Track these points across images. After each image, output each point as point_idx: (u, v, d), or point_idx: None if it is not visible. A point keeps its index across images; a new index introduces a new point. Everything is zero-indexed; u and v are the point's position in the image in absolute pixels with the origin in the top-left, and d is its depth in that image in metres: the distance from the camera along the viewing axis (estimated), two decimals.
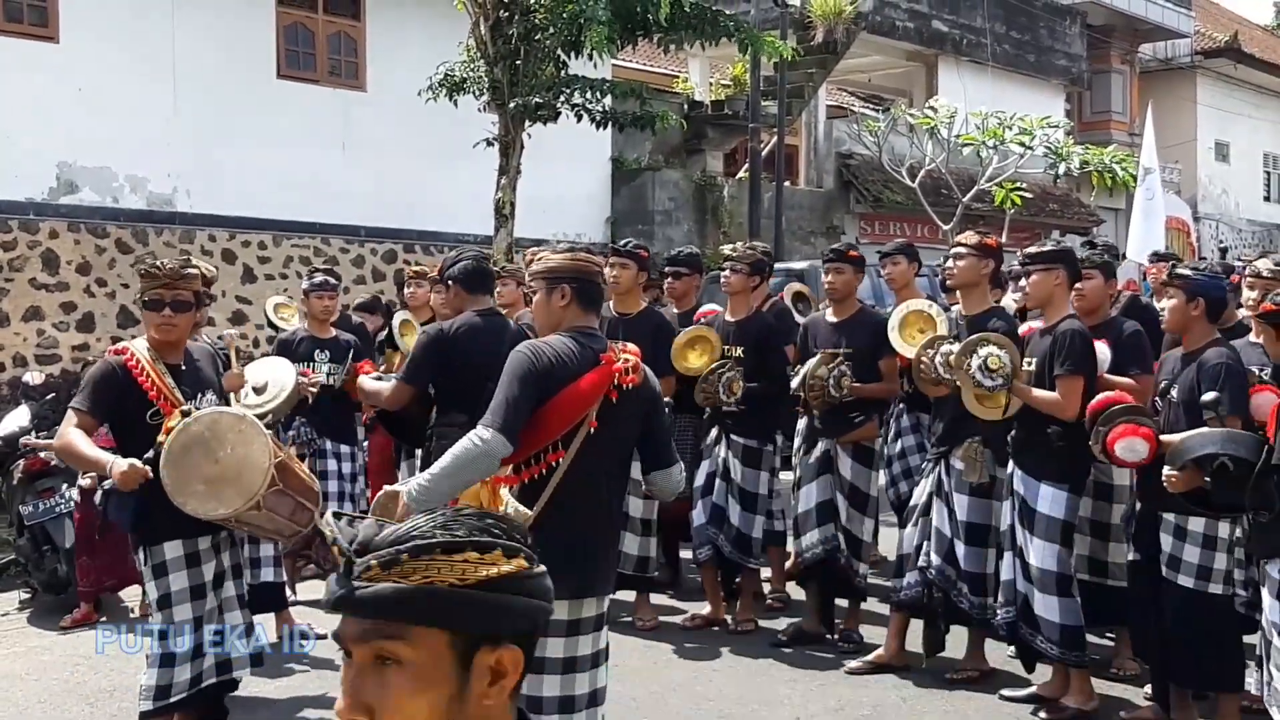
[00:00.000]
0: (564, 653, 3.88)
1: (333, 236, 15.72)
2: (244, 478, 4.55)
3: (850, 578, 6.81)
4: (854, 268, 6.90)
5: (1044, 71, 26.05)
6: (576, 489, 3.91)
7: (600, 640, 4.01)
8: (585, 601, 3.94)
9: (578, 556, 3.89)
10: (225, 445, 4.56)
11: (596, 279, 4.16)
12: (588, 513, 3.96)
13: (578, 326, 4.05)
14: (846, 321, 6.86)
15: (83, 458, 4.73)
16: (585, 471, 3.92)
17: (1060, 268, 5.84)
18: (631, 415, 4.02)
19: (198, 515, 4.57)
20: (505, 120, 12.94)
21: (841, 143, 22.31)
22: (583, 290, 4.08)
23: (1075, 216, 25.39)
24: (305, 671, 6.48)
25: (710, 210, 19.50)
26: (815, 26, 21.33)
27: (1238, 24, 34.96)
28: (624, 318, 7.20)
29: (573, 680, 3.91)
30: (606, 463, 4.00)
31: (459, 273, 5.88)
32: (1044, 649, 5.82)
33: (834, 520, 6.77)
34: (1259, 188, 33.85)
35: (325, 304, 7.71)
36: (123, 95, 13.68)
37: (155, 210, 14.28)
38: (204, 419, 4.61)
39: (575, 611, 3.90)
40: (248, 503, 4.53)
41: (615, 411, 3.95)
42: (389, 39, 16.01)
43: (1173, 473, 4.91)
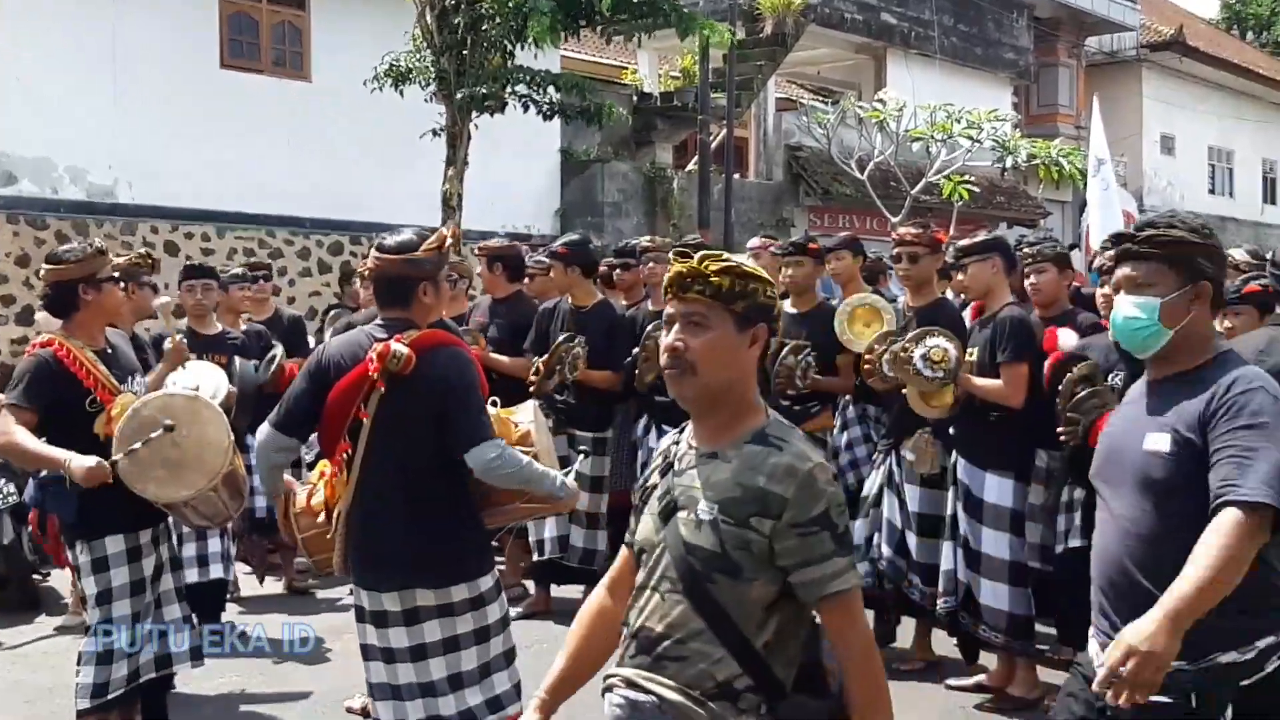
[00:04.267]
0: (409, 641, 3.96)
1: (277, 228, 15.55)
2: (205, 458, 4.52)
3: None
4: (813, 260, 6.90)
5: (991, 64, 26.19)
6: (370, 480, 3.97)
7: (456, 626, 4.01)
8: (418, 592, 3.97)
9: (372, 548, 3.98)
10: (182, 428, 4.49)
11: (393, 277, 4.12)
12: (382, 504, 3.97)
13: (386, 319, 4.11)
14: (807, 314, 6.87)
15: (33, 455, 4.60)
16: (376, 463, 3.96)
17: (995, 255, 5.85)
18: (413, 404, 3.95)
19: (159, 500, 4.52)
20: (452, 111, 12.86)
21: (791, 135, 22.32)
22: (376, 286, 4.23)
23: (1022, 209, 25.55)
24: (247, 670, 6.39)
25: (660, 202, 19.46)
26: (764, 19, 21.32)
27: (1183, 18, 35.31)
28: (577, 310, 7.23)
29: (426, 667, 3.97)
30: (397, 450, 3.96)
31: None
32: (988, 638, 5.83)
33: None
34: (1204, 181, 34.19)
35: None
36: (62, 85, 13.46)
37: (96, 202, 14.08)
38: (154, 403, 4.54)
39: (409, 601, 3.94)
40: (211, 482, 4.51)
41: (390, 401, 3.94)
42: (334, 29, 15.84)
43: None
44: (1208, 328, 3.19)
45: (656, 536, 2.73)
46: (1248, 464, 2.88)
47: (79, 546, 4.74)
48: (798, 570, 2.59)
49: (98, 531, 4.69)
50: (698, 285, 2.66)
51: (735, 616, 2.61)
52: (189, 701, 5.85)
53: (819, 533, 2.58)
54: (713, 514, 2.63)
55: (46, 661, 6.53)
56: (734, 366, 2.67)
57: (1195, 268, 3.13)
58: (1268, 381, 3.05)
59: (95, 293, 4.81)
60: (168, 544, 4.98)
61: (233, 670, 6.32)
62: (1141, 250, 3.16)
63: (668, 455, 2.84)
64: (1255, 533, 2.85)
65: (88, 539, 4.71)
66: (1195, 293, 3.12)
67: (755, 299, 2.68)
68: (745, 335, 2.67)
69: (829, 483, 2.62)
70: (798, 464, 2.60)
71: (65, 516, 4.78)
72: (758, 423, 2.70)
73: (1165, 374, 3.19)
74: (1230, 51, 34.56)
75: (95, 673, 4.69)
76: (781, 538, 2.58)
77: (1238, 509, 2.84)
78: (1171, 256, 3.14)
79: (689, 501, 2.67)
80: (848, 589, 2.60)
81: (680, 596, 2.64)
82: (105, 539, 4.70)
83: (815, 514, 2.58)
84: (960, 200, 18.77)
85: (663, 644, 2.66)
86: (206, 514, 4.81)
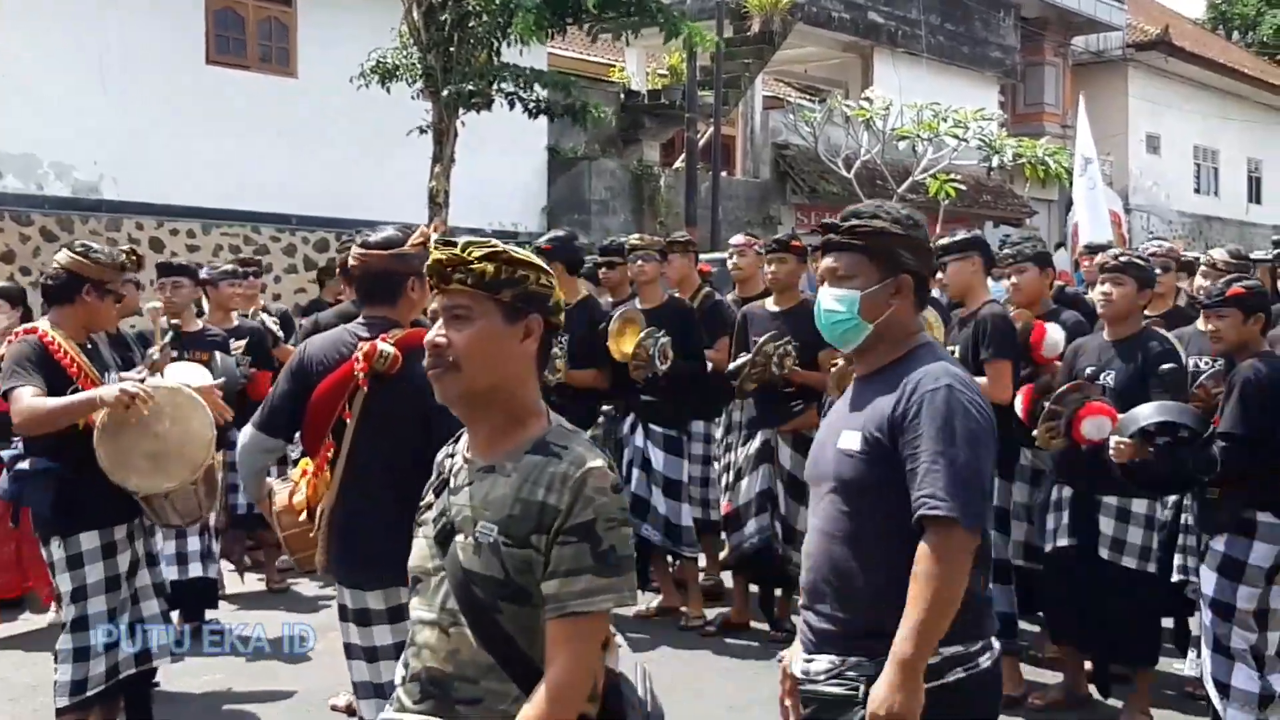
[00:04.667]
0: (393, 639, 3.89)
1: (263, 225, 15.51)
2: (187, 450, 4.52)
3: (785, 566, 6.81)
4: (797, 257, 6.90)
5: (978, 63, 26.25)
6: (355, 480, 3.95)
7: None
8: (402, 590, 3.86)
9: (360, 548, 3.95)
10: (163, 419, 4.50)
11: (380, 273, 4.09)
12: (375, 502, 3.92)
13: (369, 317, 4.10)
14: (788, 311, 6.84)
15: (61, 410, 4.52)
16: (361, 463, 3.94)
17: (975, 254, 5.87)
18: (400, 403, 3.90)
19: (140, 491, 4.51)
20: (439, 108, 12.85)
21: (778, 133, 22.34)
22: (361, 283, 4.20)
23: (1009, 208, 25.63)
24: (232, 669, 6.38)
25: (647, 200, 19.46)
26: (751, 17, 21.34)
27: (1169, 18, 35.40)
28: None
29: (377, 669, 3.95)
30: (389, 452, 3.93)
31: (345, 263, 5.70)
32: None
33: (772, 509, 6.76)
34: (1189, 180, 34.32)
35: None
36: (48, 81, 13.41)
37: (81, 198, 14.04)
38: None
39: (394, 599, 3.88)
40: (194, 474, 4.52)
41: (378, 401, 3.92)
42: (321, 25, 15.80)
43: (1122, 440, 4.99)
44: (910, 322, 3.04)
45: (432, 564, 2.48)
46: (935, 471, 2.78)
47: (54, 542, 4.72)
48: (546, 580, 2.33)
49: (72, 527, 4.68)
50: (459, 274, 2.44)
51: (527, 649, 2.36)
52: (174, 700, 5.84)
53: (576, 544, 2.32)
54: (492, 536, 2.37)
55: (29, 659, 6.50)
56: (503, 363, 2.44)
57: (897, 260, 2.99)
58: (955, 376, 2.92)
59: (95, 298, 4.82)
60: (144, 539, 4.96)
61: (218, 669, 6.30)
62: (844, 241, 3.02)
63: (442, 470, 2.58)
64: (956, 546, 2.75)
65: (62, 534, 4.68)
66: (896, 286, 2.99)
67: (524, 287, 2.45)
68: (516, 328, 2.45)
69: (602, 491, 2.36)
70: (572, 470, 2.36)
71: (40, 510, 4.77)
72: (539, 430, 2.46)
73: (867, 370, 3.07)
74: (1216, 51, 34.69)
75: (72, 670, 4.67)
76: (549, 549, 2.34)
77: (931, 528, 2.76)
78: (873, 248, 2.99)
79: (466, 523, 2.42)
80: (589, 613, 2.31)
81: (465, 630, 2.39)
82: (80, 535, 4.68)
83: (577, 522, 2.33)
84: (946, 199, 18.82)
85: (452, 685, 2.41)
86: (183, 510, 4.80)
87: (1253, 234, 33.75)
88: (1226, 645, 4.93)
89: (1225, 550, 4.94)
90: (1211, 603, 4.99)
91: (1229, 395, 4.91)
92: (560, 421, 2.51)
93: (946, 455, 2.78)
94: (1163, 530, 5.75)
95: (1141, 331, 5.56)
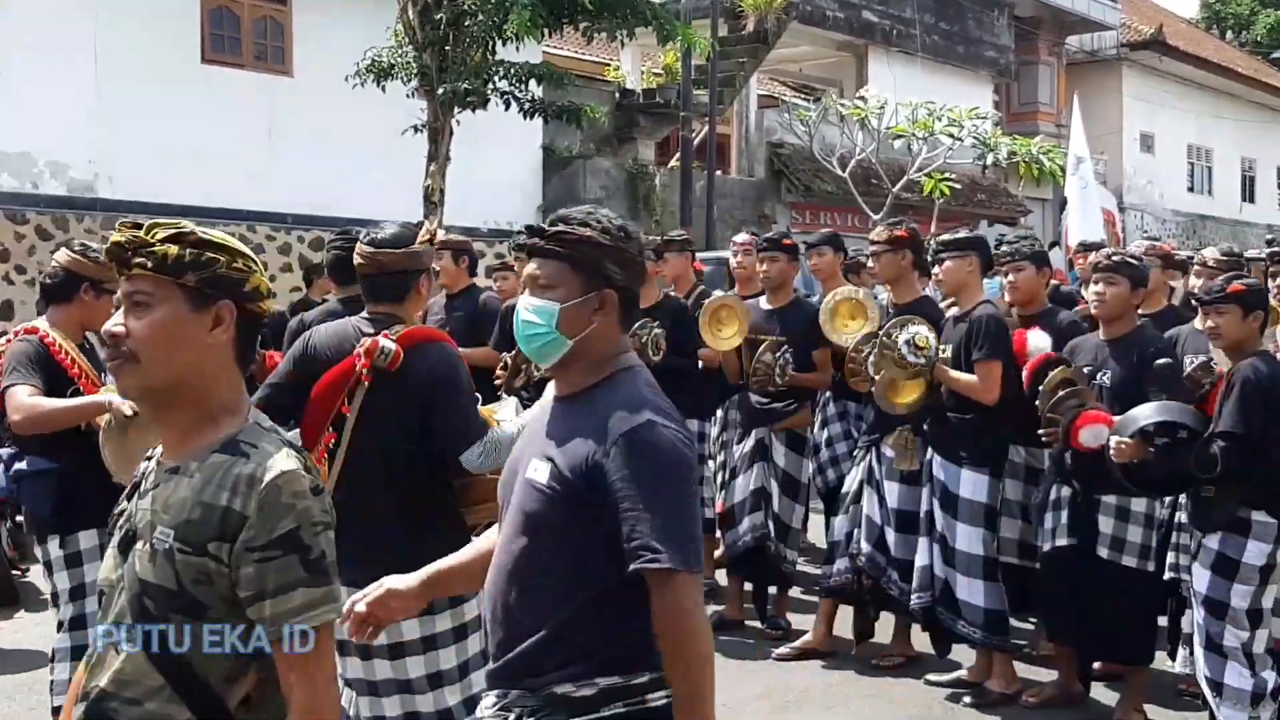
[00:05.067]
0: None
1: (258, 223, 15.50)
2: None
3: (779, 565, 6.83)
4: (788, 256, 6.92)
5: (972, 62, 26.28)
6: (353, 474, 3.93)
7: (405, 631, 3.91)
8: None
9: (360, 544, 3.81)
10: None
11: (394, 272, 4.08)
12: (368, 500, 3.91)
13: (374, 313, 4.10)
14: (781, 310, 6.88)
15: (64, 412, 4.53)
16: (360, 457, 3.93)
17: (973, 254, 5.91)
18: (400, 399, 3.92)
19: None
20: (434, 107, 12.85)
21: (773, 132, 22.37)
22: (370, 281, 4.14)
23: (1003, 206, 25.67)
24: None
25: (642, 199, 19.47)
26: (746, 16, 21.36)
27: (1163, 17, 35.47)
28: None
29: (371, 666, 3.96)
30: (382, 445, 3.94)
31: (326, 262, 5.75)
32: (966, 633, 5.87)
33: (766, 508, 6.78)
34: (1183, 179, 34.37)
35: None
36: (43, 79, 13.39)
37: (76, 196, 14.03)
38: None
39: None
40: None
41: (375, 396, 3.92)
42: (316, 23, 15.80)
43: (1123, 440, 5.01)
44: (613, 342, 2.75)
45: (115, 574, 2.27)
46: (644, 520, 2.52)
47: (52, 541, 4.72)
48: (253, 605, 2.18)
49: (72, 526, 4.68)
50: (140, 257, 2.21)
51: (200, 668, 2.21)
52: None
53: (282, 557, 2.15)
54: (168, 542, 2.17)
55: (25, 658, 6.51)
56: (188, 354, 2.22)
57: (602, 273, 2.70)
58: (654, 407, 2.64)
59: (93, 297, 4.83)
60: None
61: None
62: (548, 247, 2.72)
63: (139, 474, 2.36)
64: (685, 594, 2.53)
65: (61, 533, 4.69)
66: (600, 301, 2.70)
67: (213, 270, 2.23)
68: (203, 315, 2.23)
69: (301, 495, 2.18)
70: (260, 473, 2.16)
71: (41, 511, 4.77)
72: (232, 428, 2.25)
73: (567, 391, 2.77)
74: (1210, 51, 34.75)
75: (70, 669, 4.67)
76: (239, 564, 2.16)
77: (655, 582, 2.53)
78: (577, 258, 2.69)
79: (146, 529, 2.22)
80: (315, 629, 2.20)
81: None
82: (79, 534, 4.69)
83: (279, 534, 2.14)
84: (941, 198, 18.85)
85: (110, 703, 2.21)
86: None
87: (1246, 233, 33.83)
88: (1220, 643, 4.96)
89: (1219, 549, 4.97)
90: (1205, 600, 5.01)
91: (1228, 394, 4.92)
92: (259, 419, 2.32)
93: (653, 501, 2.53)
94: (1161, 528, 5.78)
95: (1137, 330, 5.59)
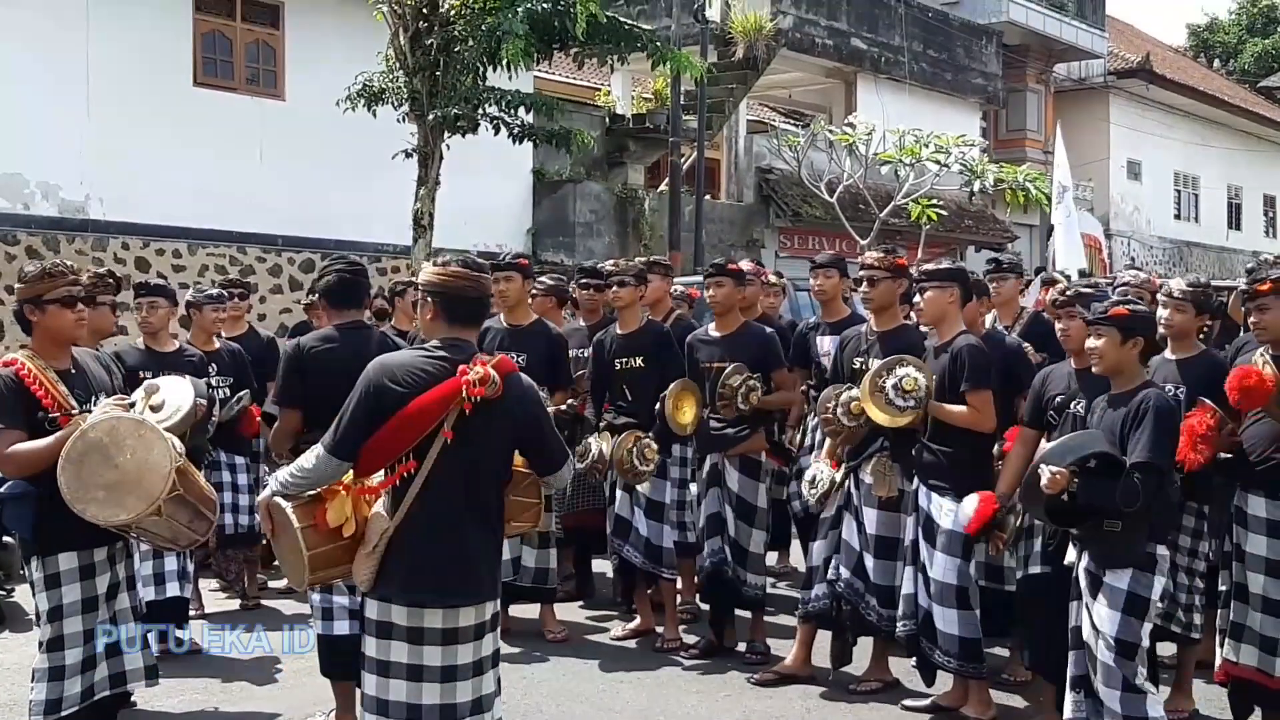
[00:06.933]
0: (442, 661, 3.94)
1: (249, 245, 15.59)
2: (145, 482, 4.50)
3: (738, 589, 6.87)
4: (734, 281, 6.98)
5: (960, 90, 26.46)
6: (436, 499, 3.97)
7: (483, 648, 4.04)
8: (460, 611, 3.99)
9: (439, 566, 3.97)
10: (125, 450, 4.51)
11: (466, 293, 4.16)
12: (450, 522, 3.98)
13: (447, 339, 4.12)
14: (729, 336, 6.94)
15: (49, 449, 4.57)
16: (445, 481, 3.97)
17: (955, 286, 5.99)
18: (496, 426, 4.02)
19: (98, 522, 4.51)
20: (424, 131, 12.96)
21: (762, 157, 22.50)
22: (447, 304, 4.14)
23: (990, 232, 25.83)
24: (208, 690, 6.44)
25: (631, 223, 19.59)
26: (736, 42, 21.52)
27: (1150, 45, 35.74)
28: (515, 329, 7.30)
29: (453, 689, 3.97)
30: (470, 473, 4.02)
31: (322, 287, 5.75)
32: (942, 662, 5.92)
33: (722, 533, 6.86)
34: (1169, 205, 34.59)
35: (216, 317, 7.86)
36: (36, 101, 13.49)
37: (67, 218, 14.10)
38: (101, 425, 4.54)
39: (451, 620, 3.96)
40: (150, 507, 4.48)
41: (473, 423, 3.97)
42: (308, 48, 15.92)
43: (1058, 470, 4.79)
44: None
45: None
46: None
47: (34, 562, 4.78)
48: None
49: (53, 547, 4.73)
50: None
51: None
52: (145, 717, 5.90)
53: None
54: None
55: (9, 678, 6.54)
56: None
57: None
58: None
59: (40, 314, 4.86)
60: (125, 562, 5.00)
61: (194, 689, 6.36)
62: None
63: None
64: None
65: (41, 555, 4.75)
66: None
67: None
68: None
69: None
70: None
71: (22, 532, 4.82)
72: None
73: None
74: (1197, 79, 35.03)
75: (47, 689, 4.72)
76: None
77: None
78: None
79: None
80: None
81: None
82: (59, 555, 4.74)
83: None
84: (928, 223, 19.00)
85: None
86: (166, 536, 4.84)
87: (1232, 259, 34.07)
88: (1134, 682, 4.89)
89: (1130, 588, 4.87)
90: (1116, 642, 4.88)
91: (1138, 423, 4.86)
92: None
93: None
94: None
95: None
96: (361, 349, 5.58)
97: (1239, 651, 5.44)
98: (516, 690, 6.08)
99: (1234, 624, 5.47)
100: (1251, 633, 5.39)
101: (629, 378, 7.25)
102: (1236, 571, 5.48)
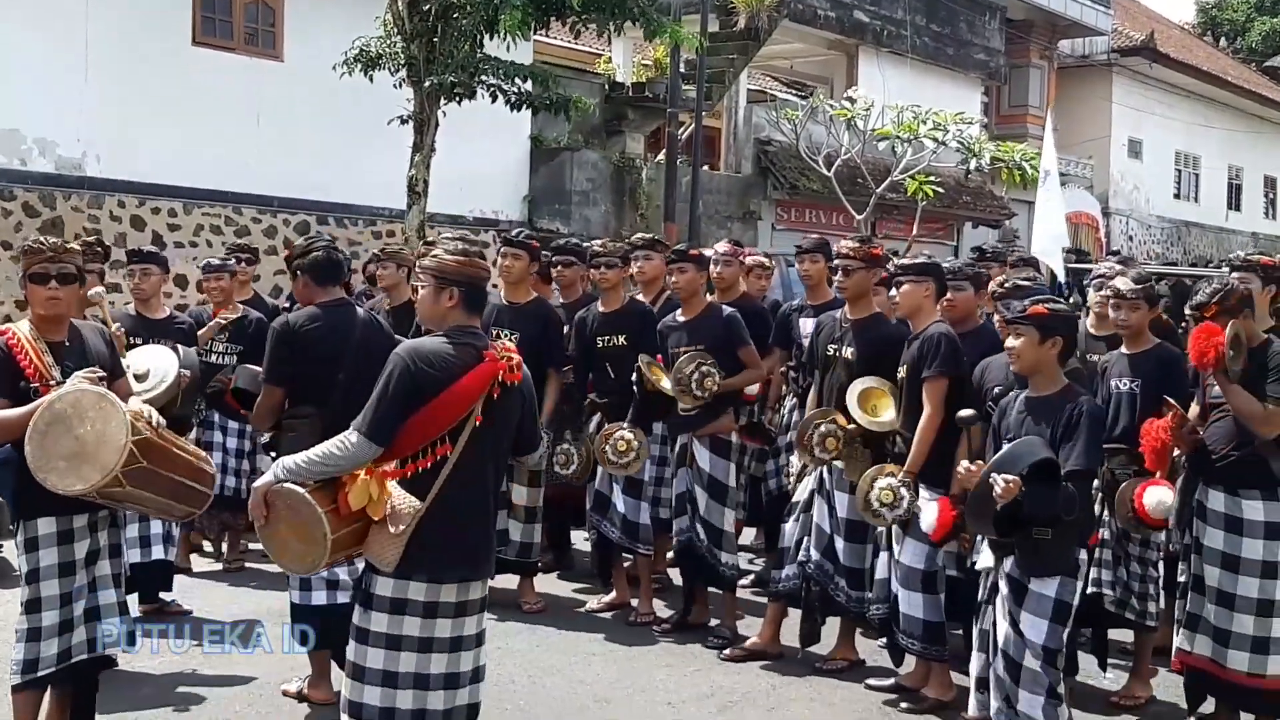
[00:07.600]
0: (451, 632, 4.12)
1: (245, 206, 15.62)
2: (100, 454, 4.53)
3: (714, 567, 6.98)
4: (697, 267, 7.06)
5: (963, 64, 26.42)
6: (465, 479, 4.11)
7: (483, 620, 4.28)
8: (471, 585, 4.18)
9: (468, 544, 4.15)
10: (86, 422, 4.55)
11: (484, 283, 4.33)
12: (474, 502, 4.18)
13: (460, 326, 4.23)
14: (694, 320, 7.03)
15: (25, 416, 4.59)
16: (474, 463, 4.13)
17: (929, 280, 6.11)
18: (513, 408, 4.25)
19: (58, 490, 4.57)
20: (420, 97, 12.99)
21: (761, 129, 22.48)
22: (470, 294, 4.26)
23: (987, 209, 25.84)
24: (187, 653, 6.57)
25: (628, 192, 19.60)
26: (738, 12, 21.47)
27: (1156, 23, 35.64)
28: (513, 306, 7.39)
29: (458, 658, 4.16)
30: (492, 453, 4.23)
31: (307, 264, 5.79)
32: (906, 645, 6.06)
33: (692, 512, 6.97)
34: (1170, 185, 34.59)
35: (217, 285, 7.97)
36: (33, 58, 13.49)
37: (64, 174, 14.13)
38: (67, 397, 4.59)
39: (463, 594, 4.14)
40: (104, 478, 4.50)
41: (498, 406, 4.15)
42: (307, 9, 15.89)
43: (1010, 478, 4.70)
44: None
45: None
46: None
47: (18, 525, 4.89)
48: None
49: (33, 512, 4.82)
50: None
51: None
52: (131, 679, 6.02)
53: None
54: None
55: None
56: None
57: None
58: None
59: (26, 288, 4.98)
60: (108, 530, 5.08)
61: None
62: None
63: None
64: None
65: (24, 518, 4.85)
66: None
67: None
68: None
69: None
70: None
71: (4, 495, 4.92)
72: None
73: None
74: (1201, 58, 34.94)
75: (25, 649, 4.82)
76: None
77: None
78: None
79: None
80: None
81: None
82: (38, 520, 4.83)
83: None
84: (925, 199, 19.02)
85: None
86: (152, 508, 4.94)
87: (1230, 240, 34.11)
88: (1057, 690, 4.97)
89: (1057, 595, 4.92)
90: (1044, 650, 4.92)
91: (1071, 432, 4.87)
92: None
93: None
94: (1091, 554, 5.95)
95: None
96: (345, 327, 5.69)
97: (1194, 641, 5.59)
98: (491, 661, 6.07)
99: (1190, 614, 5.62)
100: (1206, 624, 5.55)
101: (612, 355, 7.34)
102: (1194, 564, 5.64)
